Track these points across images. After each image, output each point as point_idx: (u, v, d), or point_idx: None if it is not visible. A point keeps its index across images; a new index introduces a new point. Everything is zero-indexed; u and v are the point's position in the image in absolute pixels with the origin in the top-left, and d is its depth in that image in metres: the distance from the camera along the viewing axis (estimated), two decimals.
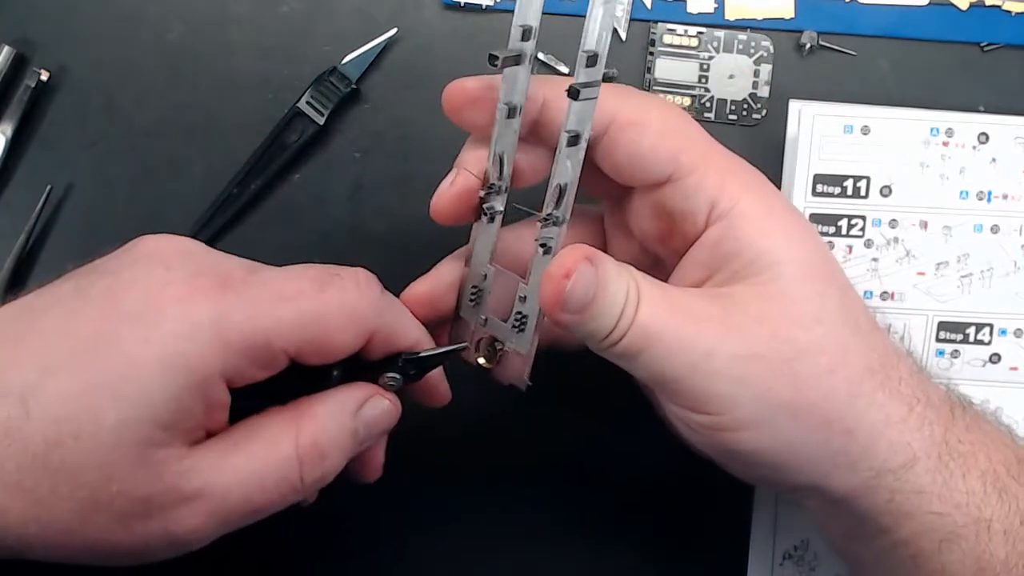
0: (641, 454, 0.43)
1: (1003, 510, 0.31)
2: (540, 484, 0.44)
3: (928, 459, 0.31)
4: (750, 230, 0.31)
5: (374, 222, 0.44)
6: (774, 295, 0.31)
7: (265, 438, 0.31)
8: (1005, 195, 0.43)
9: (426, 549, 0.44)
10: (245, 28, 0.44)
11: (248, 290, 0.31)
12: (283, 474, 0.31)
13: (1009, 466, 0.32)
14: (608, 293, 0.30)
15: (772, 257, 0.31)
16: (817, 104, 0.43)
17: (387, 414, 0.34)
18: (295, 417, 0.32)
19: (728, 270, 0.31)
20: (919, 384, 0.32)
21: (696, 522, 0.44)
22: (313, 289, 0.32)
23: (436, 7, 0.44)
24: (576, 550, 0.44)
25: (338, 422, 0.32)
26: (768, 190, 0.33)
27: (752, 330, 0.30)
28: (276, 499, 0.31)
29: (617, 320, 0.30)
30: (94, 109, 0.44)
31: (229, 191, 0.43)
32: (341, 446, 0.32)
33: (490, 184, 0.33)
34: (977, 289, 0.43)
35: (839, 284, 0.32)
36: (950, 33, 0.44)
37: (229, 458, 0.30)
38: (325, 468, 0.32)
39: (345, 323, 0.32)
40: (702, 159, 0.32)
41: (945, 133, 0.43)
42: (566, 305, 0.30)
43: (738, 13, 0.44)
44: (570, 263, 0.30)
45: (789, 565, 0.44)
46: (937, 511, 0.31)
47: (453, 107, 0.33)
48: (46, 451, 0.28)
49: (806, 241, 0.32)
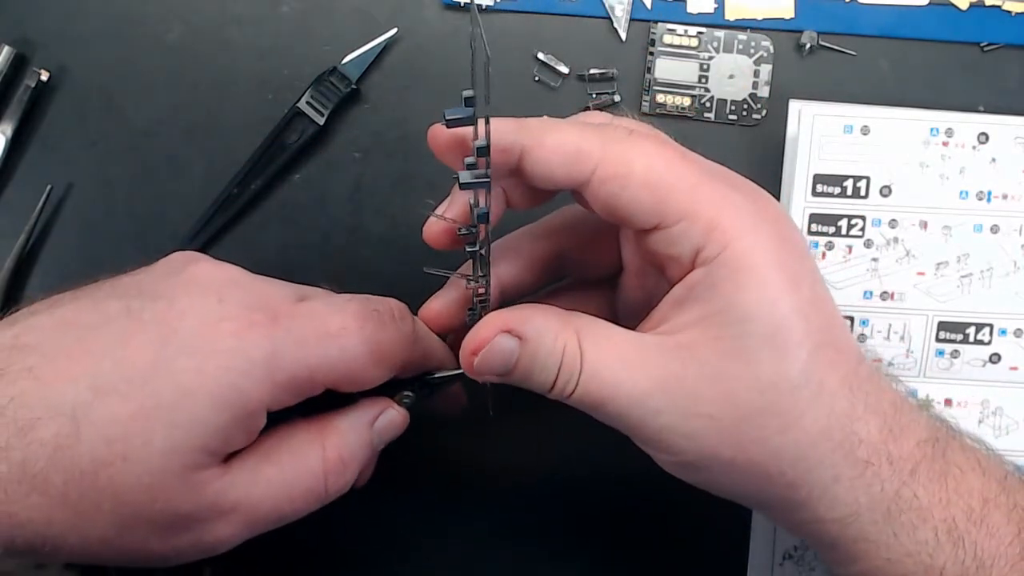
0: (641, 454, 0.43)
1: (957, 555, 0.31)
2: (539, 484, 0.44)
3: (873, 513, 0.31)
4: (728, 281, 0.30)
5: (374, 222, 0.44)
6: (734, 353, 0.30)
7: (294, 451, 0.33)
8: (1005, 195, 0.43)
9: (424, 554, 0.44)
10: (245, 28, 0.44)
11: (296, 325, 0.32)
12: (310, 486, 0.33)
13: (971, 512, 0.32)
14: (536, 358, 0.31)
15: (741, 313, 0.30)
16: (817, 104, 0.43)
17: (397, 426, 0.36)
18: (320, 431, 0.34)
19: (698, 313, 0.31)
20: (883, 443, 0.31)
21: (696, 522, 0.44)
22: (356, 326, 0.33)
23: (436, 7, 0.44)
24: (576, 550, 0.44)
25: (358, 435, 0.34)
26: (765, 234, 0.31)
27: (705, 390, 0.30)
28: (302, 508, 0.33)
29: (554, 380, 0.31)
30: (94, 109, 0.44)
31: (229, 191, 0.43)
32: (360, 457, 0.34)
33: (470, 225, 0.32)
34: (977, 289, 0.43)
35: (810, 343, 0.30)
36: (950, 33, 0.44)
37: (261, 472, 0.32)
38: (347, 478, 0.34)
39: (381, 359, 0.33)
40: (690, 205, 0.30)
41: (945, 133, 0.43)
42: (479, 373, 0.32)
43: (738, 13, 0.44)
44: (483, 337, 0.31)
45: (789, 565, 0.44)
46: (887, 558, 0.32)
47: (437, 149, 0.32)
48: (94, 469, 0.29)
49: (789, 298, 0.30)
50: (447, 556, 0.44)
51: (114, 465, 0.29)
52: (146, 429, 0.29)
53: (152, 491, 0.29)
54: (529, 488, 0.44)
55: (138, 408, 0.29)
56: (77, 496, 0.29)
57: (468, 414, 0.40)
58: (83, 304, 0.32)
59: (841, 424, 0.31)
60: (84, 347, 0.30)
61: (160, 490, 0.30)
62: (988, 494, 0.32)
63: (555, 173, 0.31)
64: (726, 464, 0.31)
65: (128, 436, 0.29)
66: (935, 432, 0.33)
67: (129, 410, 0.29)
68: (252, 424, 0.31)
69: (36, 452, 0.28)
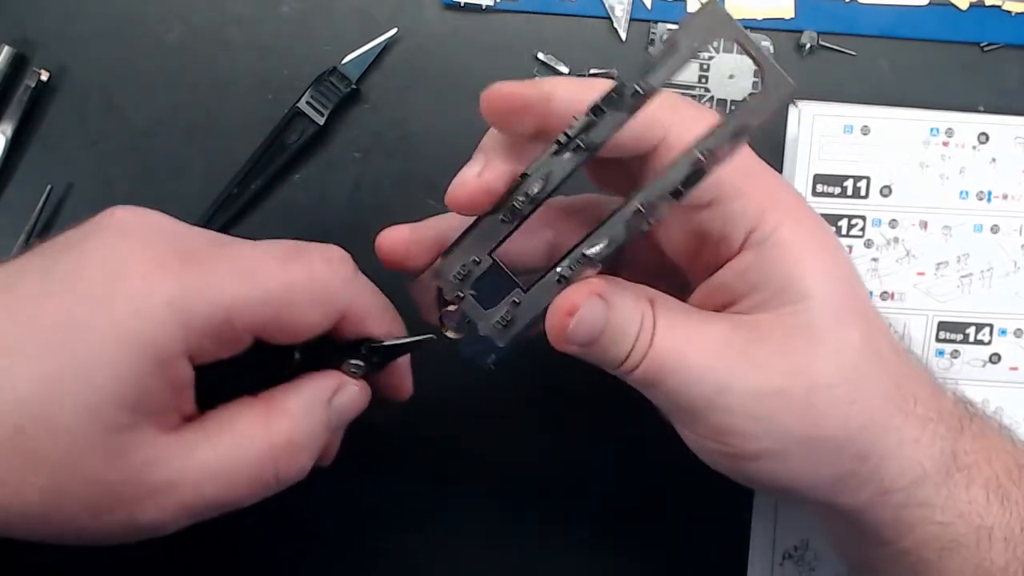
0: (641, 454, 0.43)
1: (1004, 517, 0.32)
2: (539, 482, 0.44)
3: (937, 474, 0.31)
4: (785, 261, 0.30)
5: (374, 222, 0.44)
6: (799, 328, 0.30)
7: (236, 432, 0.31)
8: (1005, 195, 0.43)
9: (419, 549, 0.44)
10: (245, 28, 0.44)
11: (210, 265, 0.30)
12: (255, 473, 0.31)
13: (1010, 472, 0.32)
14: (618, 326, 0.30)
15: (802, 290, 0.30)
16: (817, 104, 0.43)
17: (357, 402, 0.33)
18: (266, 412, 0.31)
19: (756, 297, 0.31)
20: (932, 399, 0.32)
21: (696, 522, 0.44)
22: (278, 264, 0.31)
23: (436, 7, 0.44)
24: (576, 549, 0.44)
25: (312, 416, 0.32)
26: (808, 217, 0.32)
27: (772, 364, 0.30)
28: (247, 496, 0.31)
29: (629, 352, 0.30)
30: (94, 109, 0.44)
31: (229, 191, 0.43)
32: (316, 439, 0.32)
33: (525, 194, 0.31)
34: (977, 289, 0.43)
35: (865, 315, 0.32)
36: (950, 33, 0.44)
37: (198, 451, 0.30)
38: (303, 462, 0.32)
39: (311, 301, 0.31)
40: (746, 183, 0.31)
41: (945, 133, 0.43)
42: (570, 339, 0.30)
43: (738, 13, 0.44)
44: (577, 298, 0.30)
45: (789, 565, 0.44)
46: (940, 521, 0.31)
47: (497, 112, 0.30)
48: (14, 435, 0.27)
49: (838, 273, 0.31)
50: (446, 556, 0.44)
51: (32, 429, 0.27)
52: (57, 389, 0.28)
53: (72, 455, 0.28)
54: (527, 487, 0.44)
55: (48, 368, 0.28)
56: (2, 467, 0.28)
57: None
58: (8, 268, 0.30)
59: (898, 385, 0.31)
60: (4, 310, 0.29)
61: (80, 453, 0.28)
62: (1021, 459, 0.33)
63: (624, 138, 0.30)
64: (800, 443, 0.30)
65: (42, 398, 0.28)
66: (959, 395, 0.34)
67: (40, 371, 0.28)
68: (172, 376, 0.29)
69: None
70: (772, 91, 0.28)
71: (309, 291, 0.31)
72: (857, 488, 0.31)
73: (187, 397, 0.30)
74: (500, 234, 0.31)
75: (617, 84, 0.29)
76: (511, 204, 0.31)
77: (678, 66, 0.29)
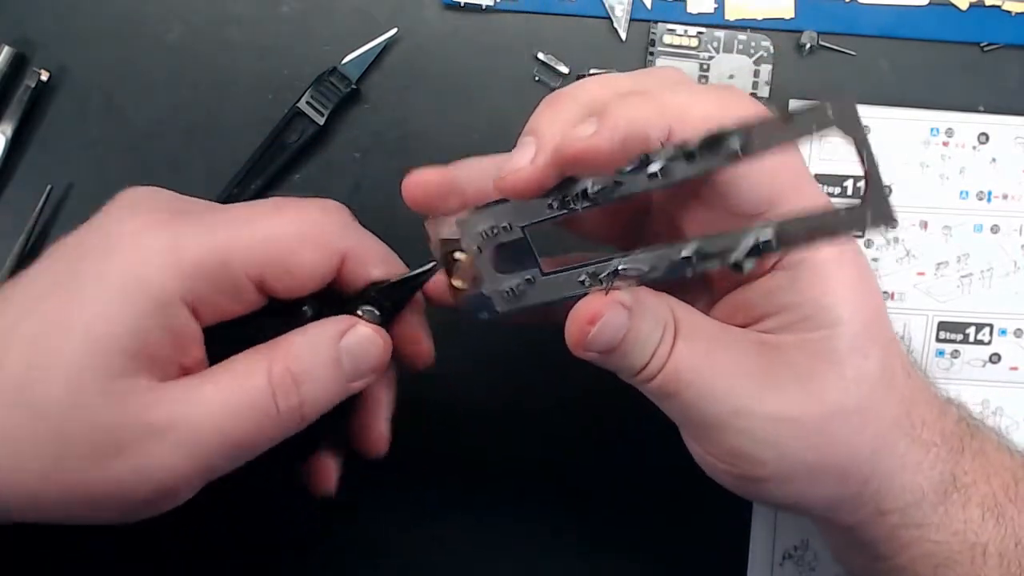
0: (642, 454, 0.43)
1: (999, 534, 0.32)
2: (540, 482, 0.44)
3: (935, 496, 0.31)
4: (818, 286, 0.30)
5: (374, 222, 0.44)
6: (823, 354, 0.30)
7: (237, 370, 0.31)
8: (1005, 195, 0.43)
9: (423, 548, 0.44)
10: (245, 28, 0.44)
11: (206, 216, 0.31)
12: (255, 402, 0.30)
13: (1008, 488, 0.32)
14: (639, 336, 0.29)
15: (832, 317, 0.30)
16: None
17: (373, 344, 0.32)
18: (269, 349, 0.31)
19: (783, 318, 0.30)
20: (937, 422, 0.32)
21: (696, 522, 0.44)
22: (272, 209, 0.32)
23: (436, 7, 0.44)
24: (576, 549, 0.44)
25: (314, 349, 0.31)
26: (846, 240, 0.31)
27: (791, 390, 0.30)
28: (252, 429, 0.30)
29: (647, 362, 0.30)
30: (94, 109, 0.44)
31: (229, 191, 0.43)
32: (320, 373, 0.31)
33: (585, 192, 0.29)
34: (977, 289, 0.43)
35: (884, 340, 0.31)
36: (950, 33, 0.44)
37: (198, 390, 0.30)
38: (302, 394, 0.31)
39: (306, 242, 0.31)
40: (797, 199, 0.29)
41: (945, 133, 0.43)
42: (590, 346, 0.30)
43: (738, 13, 0.44)
44: (600, 306, 0.29)
45: (789, 565, 0.44)
46: (935, 540, 0.32)
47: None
48: (18, 388, 0.28)
49: (867, 298, 0.31)
50: (447, 555, 0.44)
51: (35, 381, 0.28)
52: (59, 339, 0.29)
53: (73, 401, 0.28)
54: (528, 486, 0.44)
55: (50, 322, 0.29)
56: (8, 423, 0.28)
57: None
58: None
59: (907, 410, 0.31)
60: (19, 282, 0.31)
61: (81, 399, 0.28)
62: (1018, 472, 0.33)
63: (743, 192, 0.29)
64: (808, 470, 0.30)
65: (44, 350, 0.28)
66: (962, 411, 0.33)
67: (43, 325, 0.29)
68: (172, 322, 0.30)
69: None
70: (871, 218, 0.25)
71: (305, 232, 0.32)
72: (856, 508, 0.32)
73: (195, 354, 0.31)
74: (541, 215, 0.30)
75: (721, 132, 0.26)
76: (565, 197, 0.29)
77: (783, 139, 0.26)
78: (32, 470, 0.29)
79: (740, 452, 0.30)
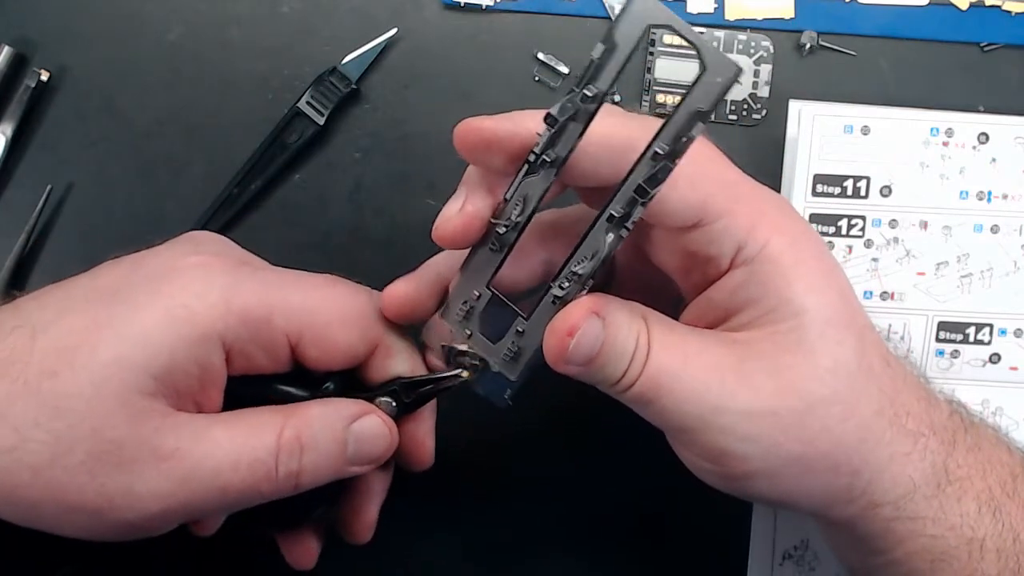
0: (641, 454, 0.43)
1: (996, 529, 0.32)
2: (540, 485, 0.44)
3: (927, 487, 0.31)
4: (776, 277, 0.30)
5: (374, 222, 0.44)
6: (792, 346, 0.30)
7: (251, 422, 0.31)
8: (1005, 195, 0.43)
9: (424, 560, 0.44)
10: (245, 28, 0.44)
11: (263, 270, 0.33)
12: (259, 457, 0.30)
13: (1004, 483, 0.32)
14: (615, 345, 0.30)
15: (795, 307, 0.30)
16: (817, 104, 0.43)
17: (381, 436, 0.33)
18: (287, 411, 0.32)
19: (748, 314, 0.31)
20: (925, 412, 0.32)
21: (696, 523, 0.44)
22: (323, 282, 0.33)
23: (436, 7, 0.44)
24: (576, 550, 0.44)
25: (326, 424, 0.32)
26: (798, 230, 0.32)
27: (765, 383, 0.30)
28: (246, 482, 0.30)
29: (625, 369, 0.30)
30: (94, 109, 0.44)
31: (229, 191, 0.43)
32: (325, 449, 0.32)
33: (507, 220, 0.31)
34: (977, 289, 0.43)
35: (858, 328, 0.31)
36: (950, 33, 0.44)
37: (208, 429, 0.30)
38: (303, 463, 0.31)
39: (349, 319, 0.33)
40: (731, 202, 0.31)
41: (945, 133, 0.43)
42: (570, 359, 0.30)
43: (738, 13, 0.44)
44: (576, 318, 0.30)
45: (789, 565, 0.44)
46: (931, 534, 0.32)
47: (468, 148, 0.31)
48: (39, 378, 0.29)
49: (831, 287, 0.31)
50: (442, 557, 0.44)
51: (59, 374, 0.28)
52: (95, 338, 0.29)
53: (88, 405, 0.28)
54: (528, 488, 0.44)
55: (92, 321, 0.29)
56: (18, 409, 0.28)
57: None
58: None
59: (890, 400, 0.31)
60: (63, 286, 0.31)
61: (97, 404, 0.28)
62: (1016, 469, 0.33)
63: (600, 167, 0.30)
64: (794, 461, 0.30)
65: (78, 345, 0.29)
66: (957, 407, 0.34)
67: (84, 323, 0.29)
68: (205, 359, 0.30)
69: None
70: (715, 74, 0.28)
71: (349, 311, 0.33)
72: (848, 502, 0.32)
73: (214, 397, 0.31)
74: (493, 264, 0.32)
75: (567, 92, 0.29)
76: (496, 233, 0.31)
77: (621, 64, 0.29)
78: (26, 462, 0.28)
79: (724, 451, 0.30)
